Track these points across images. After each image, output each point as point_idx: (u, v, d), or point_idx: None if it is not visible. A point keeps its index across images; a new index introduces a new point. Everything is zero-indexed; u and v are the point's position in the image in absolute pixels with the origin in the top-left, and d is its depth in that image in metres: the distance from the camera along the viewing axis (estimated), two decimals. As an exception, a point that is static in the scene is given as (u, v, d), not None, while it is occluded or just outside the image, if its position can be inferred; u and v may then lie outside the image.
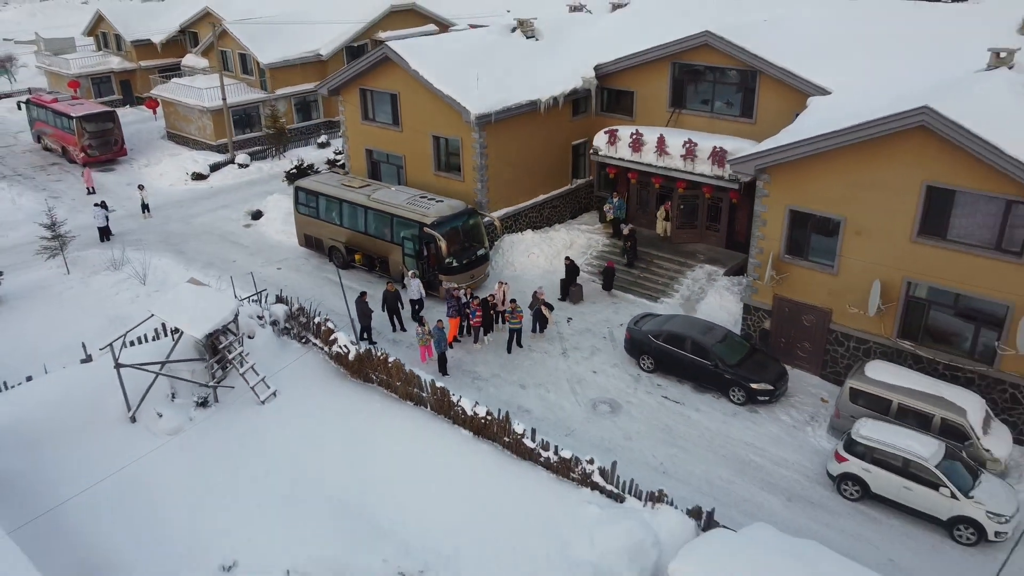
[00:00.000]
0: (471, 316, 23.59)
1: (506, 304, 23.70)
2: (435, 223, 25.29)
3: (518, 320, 23.20)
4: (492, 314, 24.05)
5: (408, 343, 23.78)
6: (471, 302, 23.68)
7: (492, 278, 26.91)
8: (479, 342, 23.80)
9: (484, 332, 23.89)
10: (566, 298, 25.97)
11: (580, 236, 29.60)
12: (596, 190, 31.71)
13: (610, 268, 26.47)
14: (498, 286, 24.50)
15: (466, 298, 23.78)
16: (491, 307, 24.00)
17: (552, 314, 24.23)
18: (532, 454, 17.39)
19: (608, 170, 29.10)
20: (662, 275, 26.85)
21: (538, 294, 23.88)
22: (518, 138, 28.41)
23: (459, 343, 23.69)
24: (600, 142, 28.45)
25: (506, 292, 24.23)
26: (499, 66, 29.00)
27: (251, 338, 21.29)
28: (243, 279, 25.81)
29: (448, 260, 25.36)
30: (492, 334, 24.04)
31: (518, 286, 26.24)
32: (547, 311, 23.99)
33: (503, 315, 23.91)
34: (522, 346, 23.54)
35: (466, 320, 23.78)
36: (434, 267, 25.50)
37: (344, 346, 20.92)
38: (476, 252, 26.30)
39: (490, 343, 23.82)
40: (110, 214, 32.20)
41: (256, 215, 33.66)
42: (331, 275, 28.14)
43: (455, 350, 23.28)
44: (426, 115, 28.63)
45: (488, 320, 23.91)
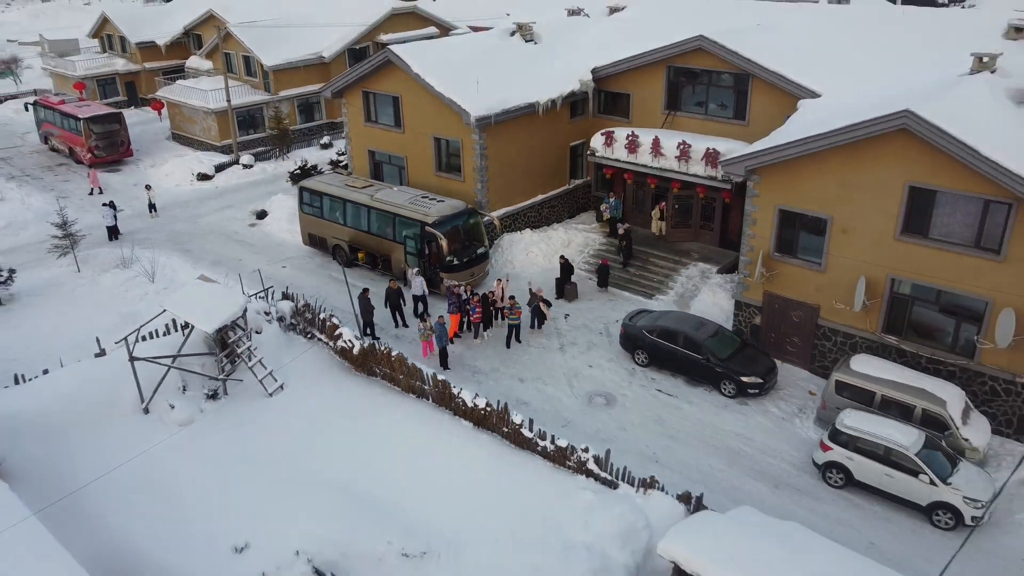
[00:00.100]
0: (471, 312, 24.31)
1: (505, 301, 24.44)
2: (436, 222, 26.02)
3: (517, 316, 23.94)
4: (491, 310, 24.78)
5: (410, 339, 24.52)
6: (471, 299, 24.41)
7: (491, 276, 27.65)
8: (479, 337, 24.54)
9: (484, 328, 24.63)
10: (561, 296, 26.70)
11: (578, 235, 30.34)
12: (593, 190, 32.44)
13: (604, 266, 27.22)
14: (497, 283, 25.23)
15: (466, 295, 24.52)
16: (491, 304, 24.73)
17: (550, 310, 24.98)
18: (530, 443, 18.11)
19: (605, 171, 29.85)
20: (657, 273, 27.58)
21: (534, 291, 24.63)
22: (517, 139, 29.14)
23: (459, 339, 24.42)
24: (597, 143, 29.19)
25: (505, 289, 24.97)
26: (499, 69, 29.73)
27: (259, 333, 21.98)
28: (250, 277, 26.54)
29: (449, 258, 26.09)
30: (491, 330, 24.78)
31: (517, 284, 26.99)
32: (545, 307, 24.72)
33: (502, 311, 24.63)
34: (521, 341, 24.27)
35: (466, 316, 24.51)
36: (435, 265, 26.22)
37: (348, 341, 21.65)
38: (476, 250, 27.03)
39: (490, 338, 24.56)
40: (118, 214, 32.94)
41: (261, 215, 34.40)
42: (334, 273, 28.91)
43: (456, 345, 24.01)
44: (427, 117, 29.37)
45: (488, 316, 24.65)
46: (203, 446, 18.39)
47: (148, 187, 35.91)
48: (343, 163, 36.00)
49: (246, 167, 40.84)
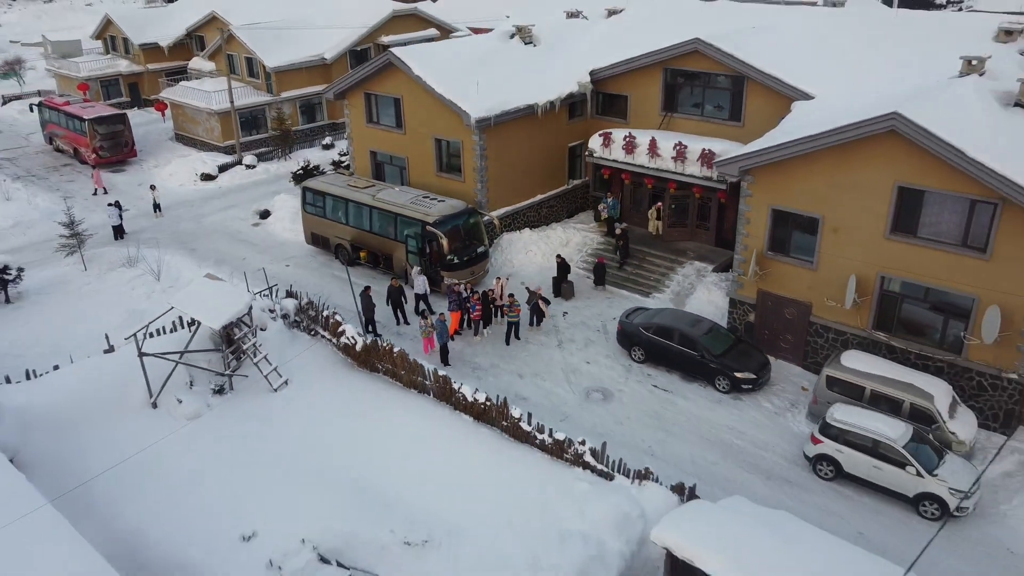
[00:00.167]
0: (471, 310, 24.81)
1: (504, 298, 24.94)
2: (437, 222, 26.52)
3: (516, 314, 24.44)
4: (491, 308, 25.29)
5: (411, 335, 25.02)
6: (471, 296, 24.92)
7: (491, 274, 28.16)
8: (479, 334, 25.03)
9: (484, 325, 25.13)
10: (558, 294, 27.19)
11: (576, 234, 30.85)
12: (591, 190, 32.93)
13: (600, 264, 27.74)
14: (497, 281, 25.74)
15: (466, 293, 25.03)
16: (490, 301, 25.24)
17: (548, 308, 25.48)
18: (528, 437, 18.60)
19: (603, 171, 30.37)
20: (654, 271, 28.08)
21: (532, 290, 25.15)
22: (516, 140, 29.65)
23: (460, 336, 24.92)
24: (595, 144, 29.71)
25: (504, 287, 25.48)
26: (498, 71, 30.22)
27: (263, 330, 22.47)
28: (254, 275, 27.05)
29: (449, 257, 26.60)
30: (491, 327, 25.28)
31: (516, 282, 27.49)
32: (544, 305, 25.23)
33: (502, 309, 25.13)
34: (520, 338, 24.77)
35: (466, 314, 25.01)
36: (436, 264, 26.72)
37: (352, 337, 22.14)
38: (476, 249, 27.54)
39: (489, 335, 25.06)
40: (123, 213, 33.43)
41: (264, 214, 34.91)
42: (337, 271, 29.41)
43: (456, 342, 24.50)
44: (428, 118, 29.87)
45: (487, 314, 25.16)
46: (210, 439, 18.88)
47: (153, 187, 36.42)
48: (345, 163, 36.51)
49: (249, 167, 41.34)
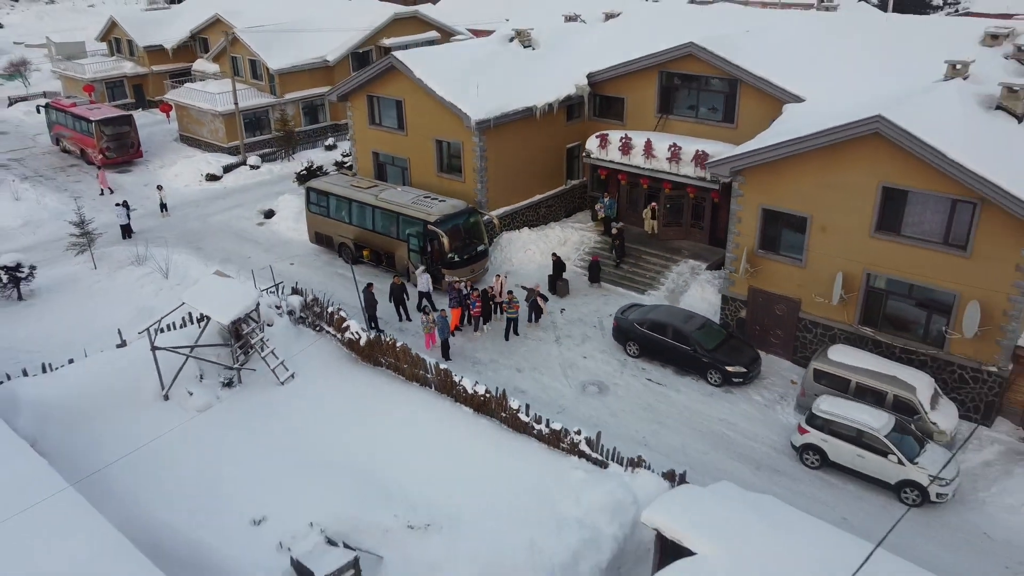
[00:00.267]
0: (471, 307, 25.55)
1: (504, 296, 25.68)
2: (438, 221, 27.26)
3: (515, 310, 25.18)
4: (491, 305, 26.04)
5: (413, 331, 25.75)
6: (471, 294, 25.67)
7: (491, 272, 28.90)
8: (479, 330, 25.77)
9: (484, 321, 25.87)
10: (554, 292, 27.91)
11: (573, 233, 31.58)
12: (589, 190, 33.65)
13: (595, 262, 28.51)
14: (496, 279, 26.47)
15: (467, 290, 25.77)
16: (490, 298, 25.99)
17: (547, 305, 26.22)
18: (526, 427, 19.34)
19: (600, 172, 31.11)
20: (649, 269, 28.82)
21: (531, 287, 25.92)
22: (515, 141, 30.38)
23: (460, 332, 25.66)
24: (592, 145, 30.43)
25: (504, 284, 26.22)
26: (498, 74, 30.95)
27: (270, 326, 23.20)
28: (260, 273, 27.78)
29: (450, 255, 27.34)
30: (491, 323, 26.03)
31: (515, 280, 28.23)
32: (542, 302, 25.97)
33: (501, 306, 25.85)
34: (519, 334, 25.51)
35: (467, 310, 25.74)
36: (437, 262, 27.45)
37: (355, 333, 22.87)
38: (476, 248, 28.29)
39: (489, 331, 25.80)
40: (131, 213, 34.15)
41: (269, 214, 35.64)
42: (340, 269, 30.16)
43: (457, 338, 25.24)
44: (429, 120, 30.60)
45: (487, 310, 25.92)
46: (220, 430, 19.62)
47: (159, 187, 37.16)
48: (348, 164, 37.23)
49: (253, 168, 42.05)
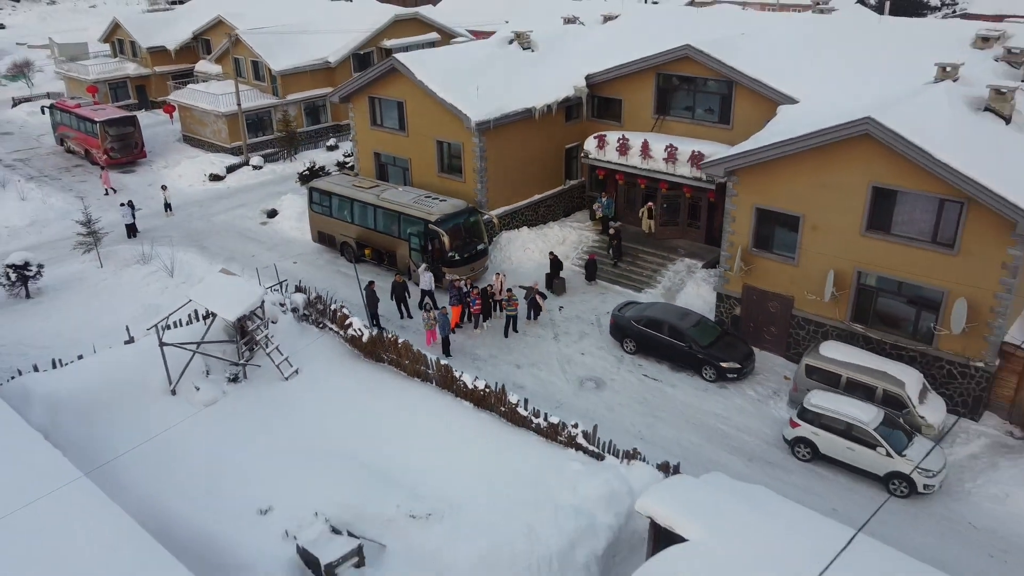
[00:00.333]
0: (471, 304, 26.07)
1: (503, 293, 26.19)
2: (439, 220, 27.77)
3: (514, 308, 25.69)
4: (491, 302, 26.56)
5: (414, 328, 26.26)
6: (471, 291, 26.18)
7: (491, 270, 29.41)
8: (479, 328, 26.29)
9: (483, 319, 26.39)
10: (550, 289, 28.39)
11: (572, 233, 32.09)
12: (587, 190, 34.15)
13: (592, 260, 29.05)
14: (496, 277, 26.98)
15: (467, 288, 26.28)
16: (489, 296, 26.50)
17: (545, 302, 26.73)
18: (525, 421, 19.84)
19: (598, 172, 31.60)
20: (646, 268, 29.33)
21: (530, 285, 26.43)
22: (515, 142, 30.89)
23: (461, 329, 26.16)
24: (590, 146, 30.93)
25: (503, 283, 26.72)
26: (498, 76, 31.47)
27: (275, 323, 23.70)
28: (264, 271, 28.29)
29: (451, 254, 27.86)
30: (490, 320, 26.54)
31: (515, 278, 28.73)
32: (541, 300, 26.48)
33: (500, 303, 26.35)
34: (518, 331, 26.02)
35: (467, 308, 26.25)
36: (438, 260, 27.96)
37: (358, 330, 23.38)
38: (476, 247, 28.81)
39: (489, 328, 26.32)
40: (136, 212, 34.65)
41: (272, 213, 36.15)
42: (342, 268, 30.68)
43: (457, 335, 25.75)
44: (430, 121, 31.11)
45: (487, 308, 26.43)
46: (227, 423, 20.13)
47: (164, 187, 37.69)
48: (350, 164, 37.73)
49: (256, 168, 42.57)
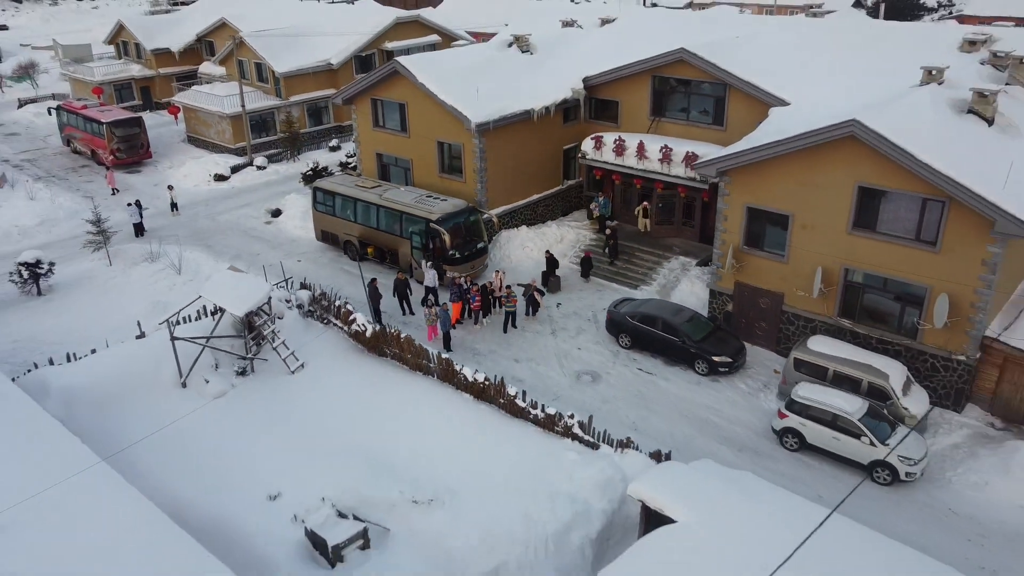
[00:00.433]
0: (471, 301, 26.83)
1: (502, 290, 26.94)
2: (440, 219, 28.53)
3: (513, 304, 26.45)
4: (490, 299, 27.31)
5: (416, 324, 27.00)
6: (471, 288, 26.94)
7: (490, 268, 30.16)
8: (479, 323, 27.04)
9: (483, 315, 27.14)
10: (546, 287, 29.10)
11: (570, 231, 32.85)
12: (584, 190, 34.90)
13: (587, 258, 29.83)
14: (495, 275, 27.75)
15: (467, 285, 27.03)
16: (489, 293, 27.26)
17: (543, 299, 27.49)
18: (523, 412, 20.58)
19: (595, 172, 32.35)
20: (642, 266, 30.08)
21: (528, 283, 27.19)
22: (514, 143, 31.63)
23: (461, 325, 26.91)
24: (587, 147, 31.69)
25: (502, 280, 27.48)
26: (497, 78, 32.21)
27: (281, 318, 24.40)
28: (270, 269, 29.03)
29: (451, 252, 28.62)
30: (490, 316, 27.30)
31: (514, 276, 29.48)
32: (539, 297, 27.24)
33: (500, 300, 27.10)
34: (516, 327, 26.77)
35: (467, 304, 27.01)
36: (439, 258, 28.71)
37: (362, 325, 24.13)
38: (476, 245, 29.57)
39: (488, 324, 27.08)
40: (143, 212, 35.40)
41: (276, 213, 36.91)
42: (345, 266, 31.44)
43: (458, 331, 26.50)
44: (431, 123, 31.86)
45: (487, 304, 27.19)
46: (236, 414, 20.89)
47: (170, 187, 38.42)
48: (352, 165, 38.47)
49: (260, 168, 43.32)
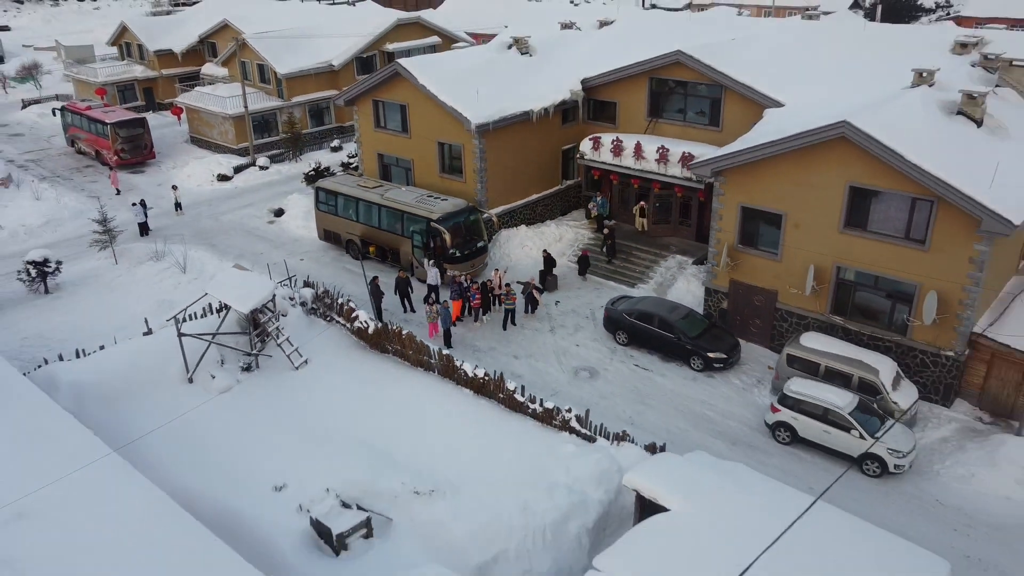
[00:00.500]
0: (471, 299, 27.34)
1: (502, 288, 27.44)
2: (440, 219, 29.04)
3: (512, 302, 26.96)
4: (490, 297, 27.83)
5: (417, 322, 27.51)
6: (471, 286, 27.44)
7: (490, 267, 30.67)
8: (478, 321, 27.55)
9: (483, 312, 27.65)
10: (544, 285, 29.60)
11: (568, 231, 33.35)
12: (583, 190, 35.39)
13: (584, 256, 30.35)
14: (495, 273, 28.26)
15: (467, 283, 27.54)
16: (489, 291, 27.77)
17: (542, 297, 28.00)
18: (521, 407, 21.08)
19: (593, 172, 32.84)
20: (639, 264, 30.58)
21: (527, 280, 27.70)
22: (513, 144, 32.13)
23: (461, 322, 27.42)
24: (586, 147, 32.19)
25: (502, 278, 27.99)
26: (497, 80, 32.70)
27: (285, 316, 24.92)
28: (273, 268, 29.50)
29: (452, 251, 29.13)
30: (490, 314, 27.81)
31: (513, 274, 29.98)
32: (538, 294, 27.75)
33: (499, 298, 27.61)
34: (516, 324, 27.28)
35: (467, 302, 27.51)
36: (439, 257, 29.21)
37: (364, 322, 24.62)
38: (476, 244, 30.09)
39: (488, 321, 27.59)
40: (148, 211, 35.90)
41: (279, 212, 37.41)
42: (347, 264, 31.94)
43: (458, 328, 27.00)
44: (432, 124, 32.37)
45: (486, 302, 27.70)
46: (241, 409, 21.37)
47: (175, 187, 38.95)
48: (354, 165, 38.98)
49: (262, 168, 43.81)
